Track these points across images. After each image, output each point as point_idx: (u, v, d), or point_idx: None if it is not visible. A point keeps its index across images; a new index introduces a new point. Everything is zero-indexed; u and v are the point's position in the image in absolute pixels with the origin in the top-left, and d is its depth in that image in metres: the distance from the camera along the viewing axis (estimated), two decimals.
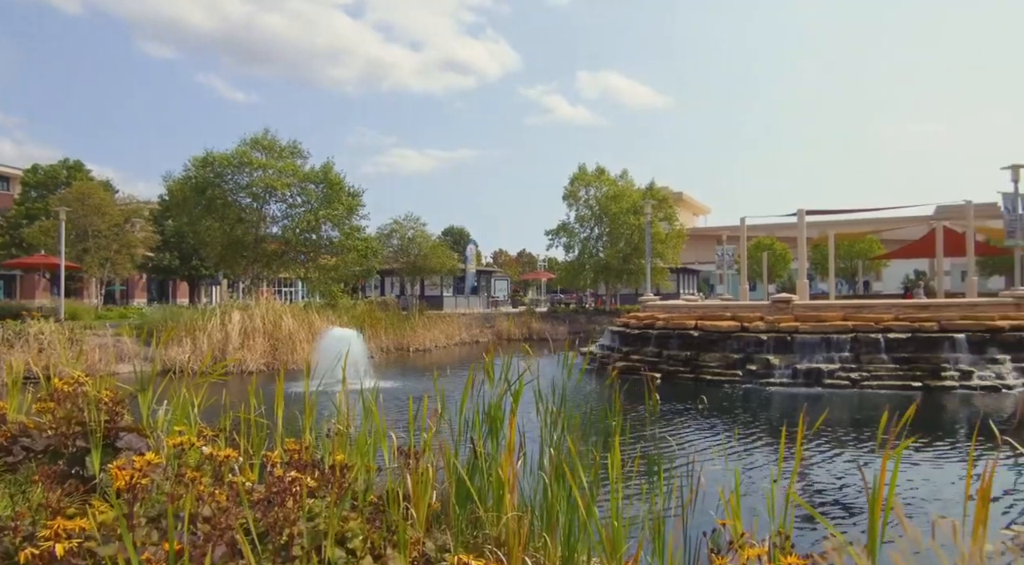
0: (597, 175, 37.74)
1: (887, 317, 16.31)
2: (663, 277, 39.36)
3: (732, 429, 10.75)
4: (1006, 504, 6.73)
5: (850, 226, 38.54)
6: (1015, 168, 18.59)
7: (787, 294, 19.10)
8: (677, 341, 17.62)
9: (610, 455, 3.07)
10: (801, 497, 7.10)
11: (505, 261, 74.28)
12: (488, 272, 51.63)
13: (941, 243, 26.48)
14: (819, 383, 15.07)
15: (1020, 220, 18.75)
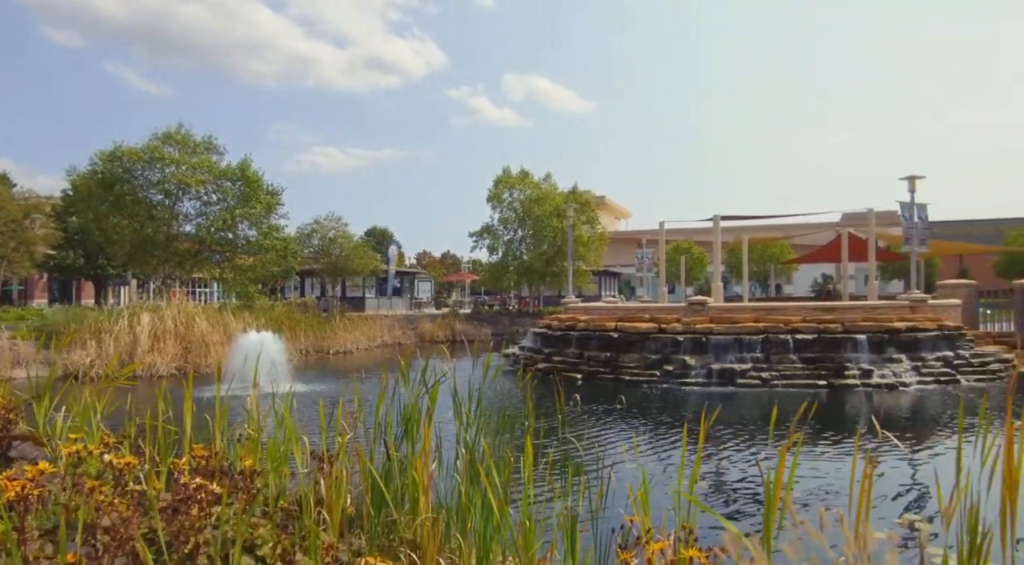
0: (521, 178, 38.05)
1: (795, 319, 17.04)
2: (585, 279, 39.98)
3: (648, 428, 11.03)
4: (901, 495, 7.14)
5: (763, 231, 40.08)
6: (911, 179, 19.77)
7: (703, 297, 19.72)
8: (597, 342, 17.93)
9: (523, 456, 3.11)
10: (711, 491, 7.36)
11: (429, 262, 73.88)
12: (411, 273, 51.22)
13: (846, 249, 27.83)
14: (732, 382, 15.61)
15: (916, 228, 19.94)
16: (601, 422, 11.62)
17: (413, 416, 3.52)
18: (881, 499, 6.88)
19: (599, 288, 47.92)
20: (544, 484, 4.32)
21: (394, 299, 42.08)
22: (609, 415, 12.25)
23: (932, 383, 15.54)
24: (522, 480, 3.16)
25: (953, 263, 39.33)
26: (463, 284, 56.35)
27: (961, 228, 45.71)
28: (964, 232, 43.39)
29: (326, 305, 34.95)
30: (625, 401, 12.86)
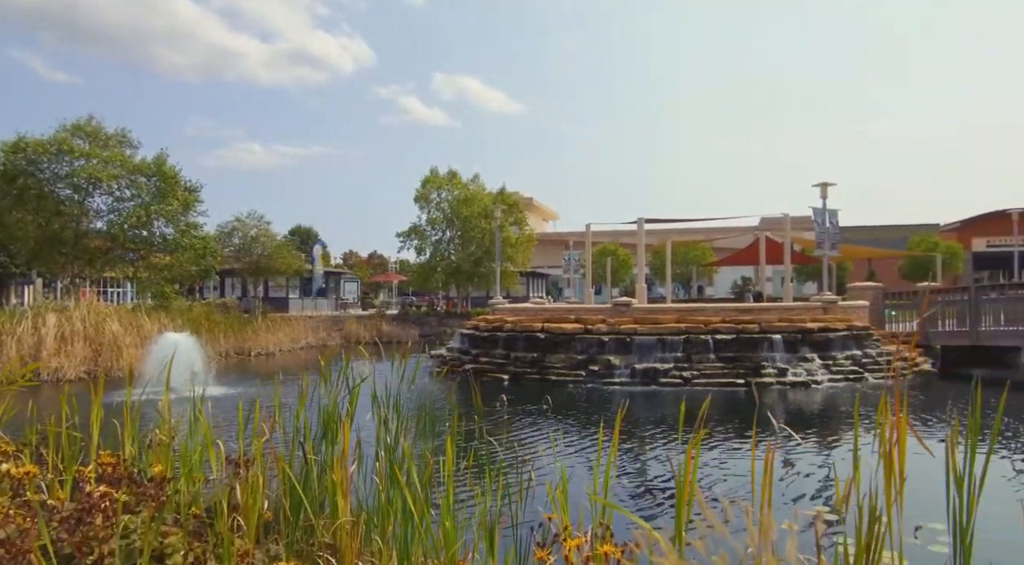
0: (449, 178, 37.96)
1: (715, 319, 17.58)
2: (513, 281, 40.20)
3: (573, 428, 11.18)
4: (808, 487, 7.46)
5: (686, 234, 41.19)
6: (823, 186, 20.69)
7: (627, 298, 20.10)
8: (524, 343, 18.05)
9: (444, 457, 3.10)
10: (632, 488, 7.52)
11: (356, 263, 72.82)
12: (337, 273, 50.38)
13: (764, 252, 28.89)
14: (655, 382, 15.97)
15: (827, 233, 20.87)
16: (527, 422, 11.70)
17: (333, 418, 3.47)
18: (792, 492, 7.18)
19: (527, 289, 48.25)
20: (466, 485, 4.33)
21: (319, 300, 41.29)
22: (535, 415, 12.35)
23: (842, 381, 16.28)
24: (445, 481, 3.15)
25: (862, 266, 41.40)
26: (390, 285, 55.77)
27: (870, 233, 48.07)
28: (873, 237, 45.64)
29: (248, 306, 34.00)
30: (551, 401, 12.99)
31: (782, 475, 8.17)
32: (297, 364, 22.37)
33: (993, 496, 2.71)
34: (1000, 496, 5.86)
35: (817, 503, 6.71)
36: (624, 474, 8.20)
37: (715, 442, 9.79)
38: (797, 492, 7.22)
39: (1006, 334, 18.32)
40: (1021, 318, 18.19)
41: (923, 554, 4.64)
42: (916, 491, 3.08)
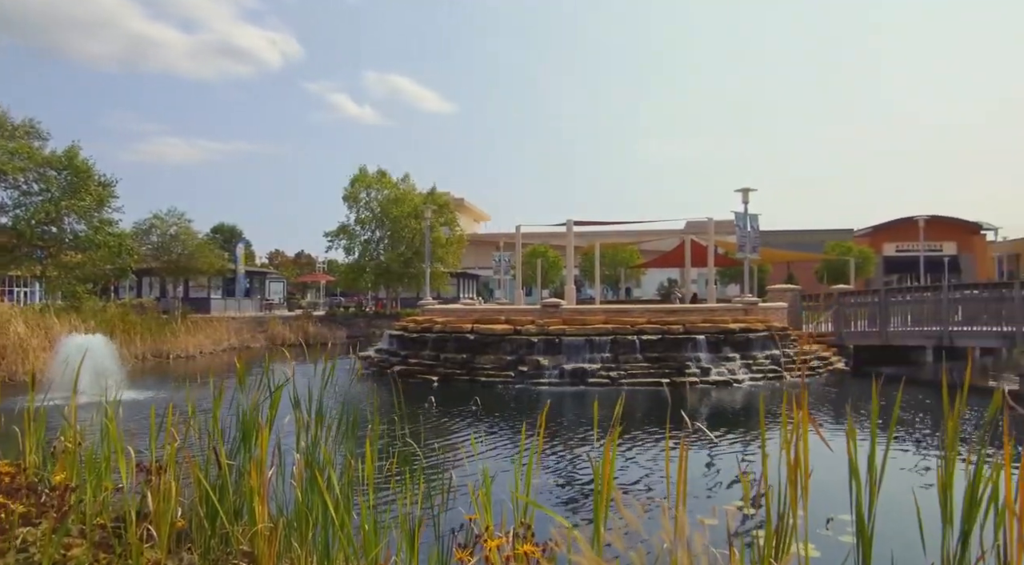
0: (378, 177, 37.53)
1: (642, 320, 17.93)
2: (444, 281, 40.04)
3: (500, 428, 11.21)
4: (725, 482, 7.69)
5: (614, 237, 41.87)
6: (745, 191, 21.37)
7: (557, 299, 20.30)
8: (454, 344, 18.00)
9: (365, 459, 3.06)
10: (557, 486, 7.59)
11: (282, 262, 71.19)
12: (262, 273, 49.15)
13: (689, 254, 29.67)
14: (583, 382, 16.18)
15: (749, 236, 21.57)
16: (456, 424, 11.68)
17: (251, 423, 3.37)
18: (712, 487, 7.39)
19: (458, 290, 48.15)
20: (389, 488, 4.28)
21: (243, 300, 40.17)
22: (464, 417, 12.34)
23: (761, 379, 16.85)
24: (375, 484, 3.11)
25: (782, 269, 42.96)
26: (318, 285, 54.71)
27: (789, 237, 49.90)
28: (792, 241, 47.42)
29: (167, 306, 32.77)
30: (480, 402, 12.99)
31: (705, 472, 8.40)
32: (218, 367, 21.69)
33: (898, 486, 2.84)
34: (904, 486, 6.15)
35: (735, 498, 6.92)
36: (552, 473, 8.27)
37: (638, 441, 9.98)
38: (717, 488, 7.43)
39: (913, 334, 19.34)
40: (926, 319, 19.25)
41: (835, 544, 4.86)
42: (830, 485, 3.22)
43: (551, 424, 11.53)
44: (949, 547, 2.38)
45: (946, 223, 50.05)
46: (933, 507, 2.44)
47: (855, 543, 2.38)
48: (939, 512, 2.40)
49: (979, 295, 19.80)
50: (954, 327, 18.47)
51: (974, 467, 2.22)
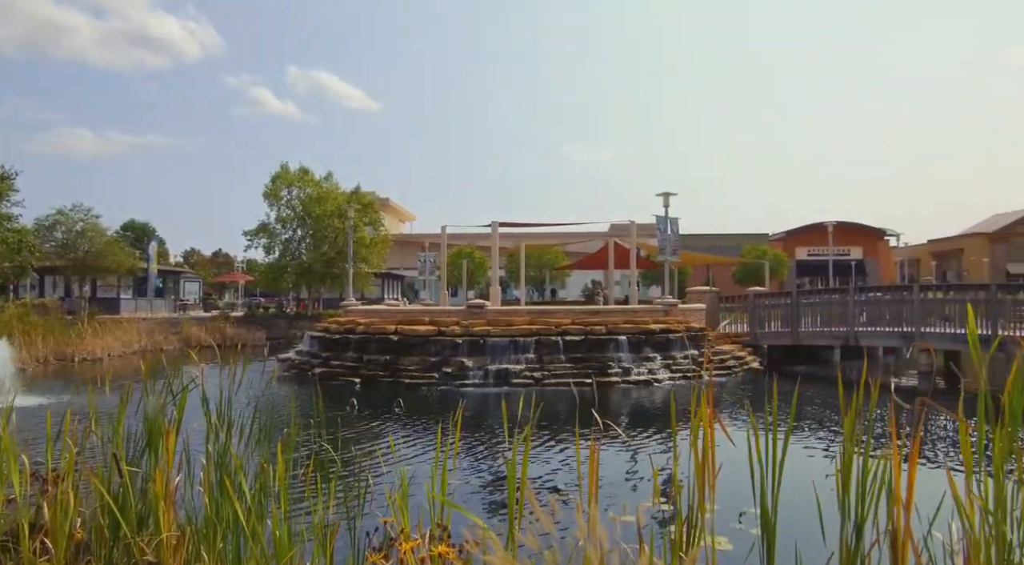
0: (301, 175, 36.71)
1: (566, 321, 18.14)
2: (367, 282, 39.49)
3: (423, 430, 11.13)
4: (640, 479, 7.85)
5: (539, 238, 42.24)
6: (666, 195, 21.92)
7: (481, 300, 20.31)
8: (377, 346, 17.78)
9: (277, 463, 2.98)
10: (479, 487, 7.60)
11: (198, 261, 68.75)
12: (176, 273, 47.36)
13: (612, 257, 30.18)
14: (507, 383, 16.24)
15: (669, 239, 22.13)
16: (377, 426, 11.53)
17: (157, 428, 3.24)
18: (628, 484, 7.54)
19: (382, 291, 47.58)
20: (304, 493, 4.18)
21: (155, 301, 38.58)
22: (386, 419, 12.20)
23: (680, 378, 17.30)
24: (291, 490, 3.03)
25: (701, 271, 44.26)
26: (236, 285, 53.07)
27: (709, 241, 51.47)
28: (711, 245, 48.91)
29: (72, 307, 31.15)
30: (403, 404, 12.88)
31: (625, 469, 8.56)
32: (126, 370, 20.75)
33: (806, 480, 2.96)
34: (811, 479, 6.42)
35: (651, 495, 7.08)
36: (474, 474, 8.27)
37: (559, 440, 10.09)
38: (635, 485, 7.58)
39: (822, 334, 20.25)
40: (834, 320, 20.20)
41: (747, 537, 5.02)
42: (744, 480, 3.33)
43: (475, 425, 11.53)
44: (847, 535, 2.50)
45: (853, 229, 52.63)
46: (835, 499, 2.55)
47: (760, 534, 2.47)
48: (840, 503, 2.51)
49: (881, 298, 20.92)
50: (859, 328, 19.45)
51: (868, 460, 2.34)
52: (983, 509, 2.11)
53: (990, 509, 2.10)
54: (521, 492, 2.34)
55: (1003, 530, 2.05)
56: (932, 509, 2.52)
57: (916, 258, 62.80)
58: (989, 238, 55.45)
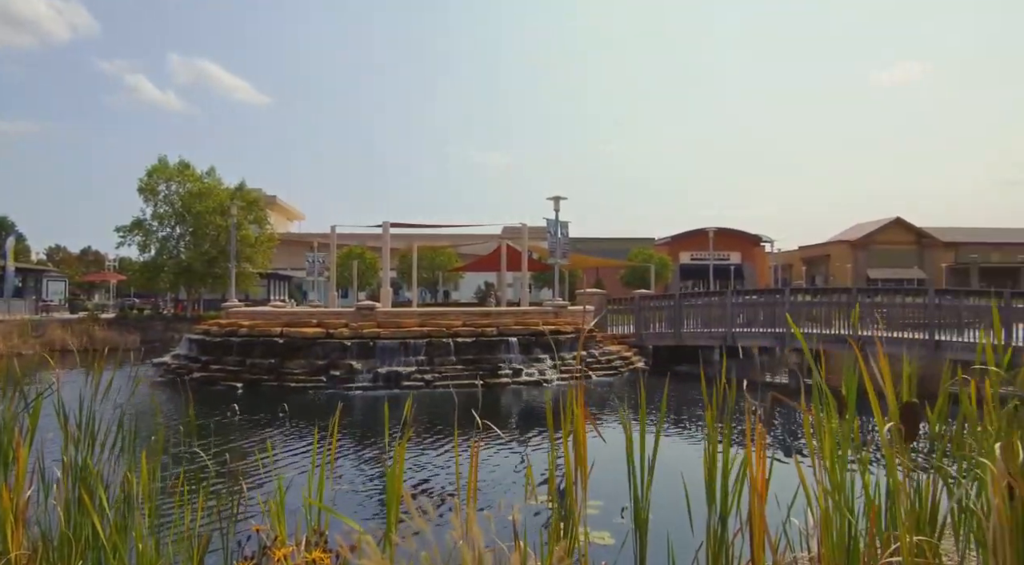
0: (180, 169, 34.91)
1: (457, 323, 18.16)
2: (252, 282, 38.04)
3: (308, 435, 10.84)
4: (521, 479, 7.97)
5: (432, 240, 42.04)
6: (556, 199, 22.38)
7: (371, 302, 20.02)
8: (261, 348, 17.17)
9: (141, 472, 2.83)
10: (362, 491, 7.48)
11: (64, 259, 64.06)
12: (38, 271, 44.00)
13: (504, 259, 30.45)
14: (397, 385, 16.07)
15: (559, 243, 22.59)
16: (260, 431, 11.15)
17: (7, 438, 3.00)
18: (513, 482, 7.63)
19: (268, 292, 45.96)
20: (173, 504, 3.99)
21: (13, 301, 35.62)
22: (270, 424, 11.81)
23: (570, 379, 17.63)
24: (160, 501, 2.87)
25: (591, 274, 45.37)
26: (108, 285, 49.83)
27: (598, 245, 52.85)
28: (600, 248, 50.25)
29: None
30: (288, 408, 12.49)
31: (510, 468, 8.66)
32: None
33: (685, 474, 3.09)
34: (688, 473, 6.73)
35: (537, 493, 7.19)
36: (359, 478, 8.14)
37: (444, 442, 10.11)
38: (516, 484, 7.67)
39: (703, 335, 21.22)
40: (714, 321, 21.23)
41: (629, 531, 5.18)
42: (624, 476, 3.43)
43: (363, 429, 11.35)
44: (713, 525, 2.64)
45: (732, 235, 55.48)
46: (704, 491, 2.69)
47: (633, 527, 2.56)
48: (706, 494, 2.64)
49: (757, 300, 22.20)
50: (736, 329, 20.54)
51: (728, 453, 2.48)
52: (828, 493, 2.27)
53: (827, 489, 2.27)
54: (397, 494, 2.32)
55: (844, 511, 2.22)
56: (794, 498, 2.69)
57: (789, 263, 66.97)
58: (852, 245, 59.93)
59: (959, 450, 2.41)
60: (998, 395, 2.33)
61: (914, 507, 2.16)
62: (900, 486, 2.11)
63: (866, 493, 2.29)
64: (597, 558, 3.72)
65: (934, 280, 53.36)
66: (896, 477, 2.14)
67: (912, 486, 2.30)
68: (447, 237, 41.35)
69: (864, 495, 2.33)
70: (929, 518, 2.23)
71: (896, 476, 2.14)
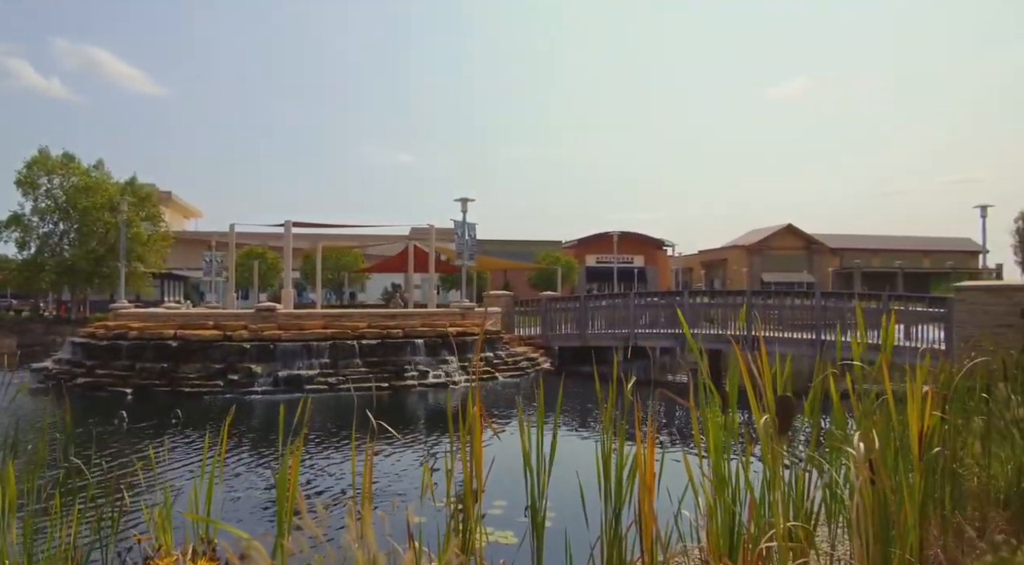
0: (64, 162, 32.83)
1: (362, 325, 17.87)
2: (144, 283, 36.22)
3: (202, 442, 10.42)
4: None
5: (338, 240, 41.16)
6: (464, 201, 22.41)
7: (272, 303, 19.44)
8: (153, 352, 16.35)
9: (23, 486, 2.65)
10: (254, 499, 7.26)
11: None
12: None
13: (412, 260, 30.20)
14: (299, 389, 15.65)
15: (466, 244, 22.62)
16: (149, 440, 10.62)
17: None
18: (411, 484, 7.58)
19: (161, 292, 43.87)
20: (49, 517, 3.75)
21: None
22: (160, 431, 11.28)
23: (476, 381, 17.68)
24: (34, 516, 2.68)
25: (499, 276, 45.65)
26: None
27: (506, 247, 53.23)
28: (508, 250, 50.62)
29: None
30: (182, 415, 11.96)
31: (413, 470, 8.59)
32: None
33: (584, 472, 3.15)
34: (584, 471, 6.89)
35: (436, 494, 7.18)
36: (256, 484, 7.90)
37: (344, 446, 9.97)
38: (416, 486, 7.64)
39: (607, 336, 21.72)
40: (618, 322, 21.78)
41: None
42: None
43: (261, 434, 11.00)
44: (608, 519, 2.70)
45: (636, 239, 57.09)
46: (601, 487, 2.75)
47: (529, 524, 2.59)
48: (602, 490, 2.71)
49: (658, 302, 22.94)
50: (639, 330, 21.15)
51: (623, 449, 2.55)
52: (712, 484, 2.38)
53: (709, 477, 2.38)
54: (291, 499, 2.27)
55: (726, 500, 2.33)
56: (684, 492, 2.80)
57: (689, 267, 69.54)
58: (747, 250, 62.87)
59: (830, 440, 2.57)
60: (863, 390, 2.50)
61: (790, 495, 2.29)
62: (775, 475, 2.23)
63: (748, 484, 2.41)
64: (499, 557, 3.75)
65: (821, 283, 56.67)
66: (772, 467, 2.27)
67: (793, 476, 2.44)
68: (353, 237, 40.60)
69: (747, 486, 2.45)
70: (805, 505, 2.37)
71: (772, 466, 2.27)
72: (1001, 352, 5.80)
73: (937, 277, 60.99)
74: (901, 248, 65.35)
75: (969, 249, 60.57)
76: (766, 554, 2.12)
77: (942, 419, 2.76)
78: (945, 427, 2.95)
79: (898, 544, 2.01)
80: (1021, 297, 14.21)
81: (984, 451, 3.88)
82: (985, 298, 14.28)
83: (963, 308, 14.38)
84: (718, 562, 2.23)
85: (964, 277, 42.93)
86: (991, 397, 4.42)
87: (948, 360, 5.40)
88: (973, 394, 4.30)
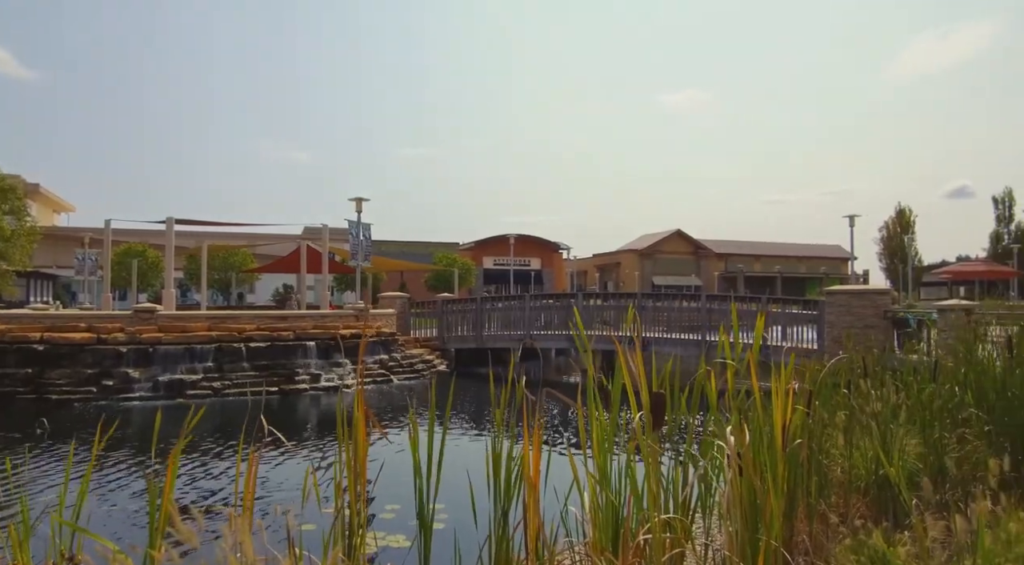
0: None
1: (250, 327, 17.21)
2: (7, 282, 33.42)
3: (68, 453, 9.75)
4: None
5: (226, 239, 39.48)
6: (358, 200, 22.03)
7: (152, 304, 18.44)
8: (16, 357, 15.11)
9: None
10: (127, 511, 6.86)
11: None
12: None
13: (305, 260, 29.37)
14: (181, 394, 14.92)
15: (361, 245, 22.25)
16: (8, 452, 9.85)
17: None
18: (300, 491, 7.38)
19: (27, 293, 40.69)
20: None
21: None
22: (23, 442, 10.49)
23: (371, 384, 17.41)
24: None
25: (395, 277, 45.14)
26: None
27: (402, 247, 52.71)
28: (404, 251, 50.12)
29: None
30: (48, 424, 11.13)
31: (300, 476, 8.35)
32: None
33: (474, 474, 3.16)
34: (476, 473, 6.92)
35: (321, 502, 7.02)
36: (129, 496, 7.48)
37: (228, 453, 9.62)
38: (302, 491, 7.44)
39: (503, 337, 21.89)
40: (514, 324, 21.99)
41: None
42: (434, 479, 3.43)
43: (136, 442, 10.40)
44: (497, 520, 2.72)
45: (532, 242, 57.85)
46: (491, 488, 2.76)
47: (418, 526, 2.58)
48: (491, 491, 2.73)
49: (553, 304, 23.34)
50: (535, 331, 21.45)
51: (512, 449, 2.58)
52: (597, 481, 2.44)
53: (593, 475, 2.44)
54: (164, 509, 2.16)
55: (609, 496, 2.40)
56: (570, 489, 2.85)
57: (584, 270, 71.15)
58: (639, 254, 64.99)
59: (706, 436, 2.69)
60: (738, 388, 2.64)
61: (669, 489, 2.39)
62: (650, 469, 2.32)
63: (632, 479, 2.49)
64: (390, 561, 3.70)
65: (708, 287, 59.34)
66: (650, 462, 2.36)
67: (670, 470, 2.53)
68: (242, 236, 39.09)
69: (630, 481, 2.53)
70: (681, 498, 2.48)
71: (650, 461, 2.36)
72: (863, 351, 6.27)
73: (812, 281, 65.26)
74: (780, 254, 69.40)
75: (840, 256, 65.08)
76: (644, 546, 2.20)
77: (808, 413, 2.95)
78: (811, 421, 3.15)
79: (765, 532, 2.13)
80: (884, 300, 15.44)
81: (847, 443, 4.17)
82: (852, 301, 15.41)
83: (833, 310, 15.45)
84: (600, 556, 2.29)
85: (835, 282, 46.11)
86: (854, 392, 4.77)
87: (819, 358, 5.80)
88: (838, 390, 4.63)
